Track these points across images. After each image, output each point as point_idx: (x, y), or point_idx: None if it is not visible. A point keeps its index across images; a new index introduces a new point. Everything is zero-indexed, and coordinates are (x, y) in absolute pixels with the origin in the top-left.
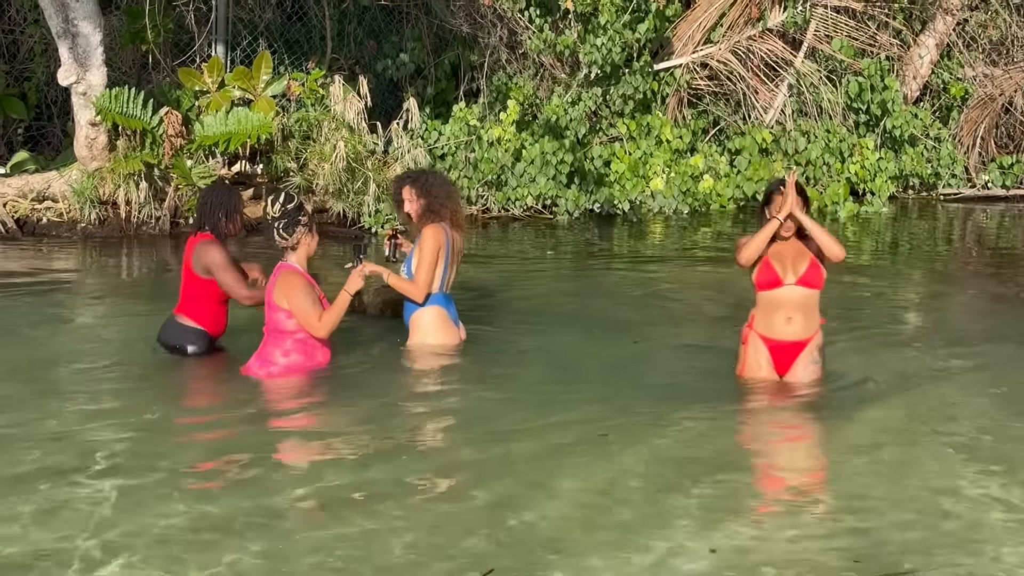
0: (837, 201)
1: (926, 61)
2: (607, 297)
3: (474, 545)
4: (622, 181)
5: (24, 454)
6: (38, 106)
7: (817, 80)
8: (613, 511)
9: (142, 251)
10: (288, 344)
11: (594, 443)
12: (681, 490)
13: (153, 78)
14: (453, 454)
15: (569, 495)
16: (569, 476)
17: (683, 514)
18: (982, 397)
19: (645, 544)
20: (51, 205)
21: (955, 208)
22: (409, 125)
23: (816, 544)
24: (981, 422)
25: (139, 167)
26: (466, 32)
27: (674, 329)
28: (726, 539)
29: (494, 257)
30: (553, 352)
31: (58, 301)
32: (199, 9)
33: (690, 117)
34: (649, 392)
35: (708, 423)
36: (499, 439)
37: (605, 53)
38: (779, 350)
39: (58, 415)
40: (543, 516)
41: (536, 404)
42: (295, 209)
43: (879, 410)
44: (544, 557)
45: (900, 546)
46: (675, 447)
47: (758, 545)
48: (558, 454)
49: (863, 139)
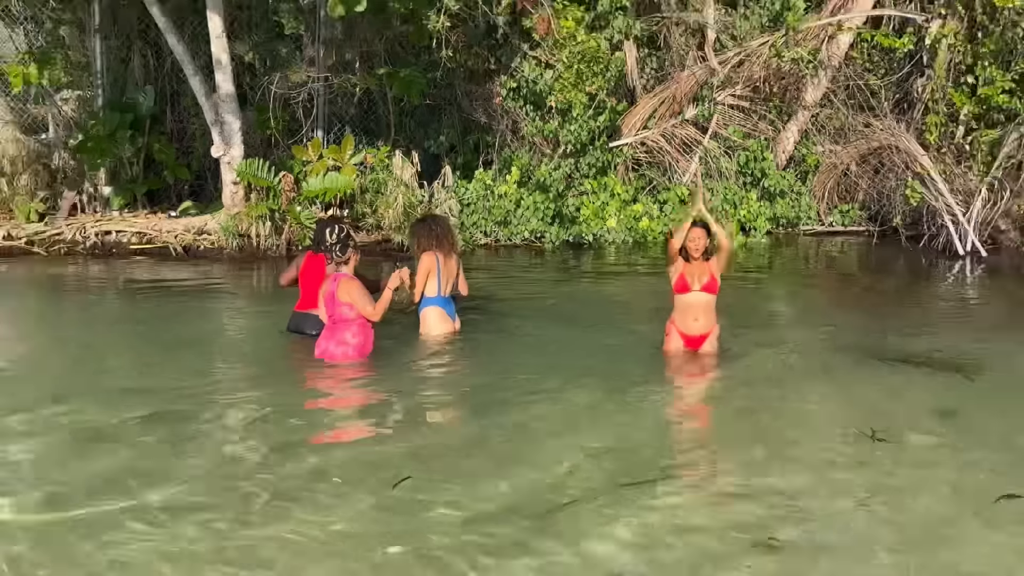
0: (732, 234)
1: (791, 141)
2: (575, 299)
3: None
4: (588, 221)
5: (193, 400)
6: (198, 171)
7: (718, 153)
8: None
9: (266, 268)
10: (354, 329)
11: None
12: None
13: (274, 152)
14: (445, 395)
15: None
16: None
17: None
18: (817, 360)
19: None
20: (207, 237)
21: (809, 239)
22: (445, 184)
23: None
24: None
25: (265, 211)
26: (483, 121)
27: (620, 320)
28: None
29: (500, 271)
30: (532, 336)
31: (211, 299)
32: (305, 106)
33: (633, 178)
34: (598, 362)
35: (642, 384)
36: (478, 394)
37: (576, 136)
38: (689, 340)
39: (212, 374)
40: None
41: (502, 371)
42: (346, 236)
43: (749, 379)
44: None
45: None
46: (600, 398)
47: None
48: (525, 405)
49: (749, 193)
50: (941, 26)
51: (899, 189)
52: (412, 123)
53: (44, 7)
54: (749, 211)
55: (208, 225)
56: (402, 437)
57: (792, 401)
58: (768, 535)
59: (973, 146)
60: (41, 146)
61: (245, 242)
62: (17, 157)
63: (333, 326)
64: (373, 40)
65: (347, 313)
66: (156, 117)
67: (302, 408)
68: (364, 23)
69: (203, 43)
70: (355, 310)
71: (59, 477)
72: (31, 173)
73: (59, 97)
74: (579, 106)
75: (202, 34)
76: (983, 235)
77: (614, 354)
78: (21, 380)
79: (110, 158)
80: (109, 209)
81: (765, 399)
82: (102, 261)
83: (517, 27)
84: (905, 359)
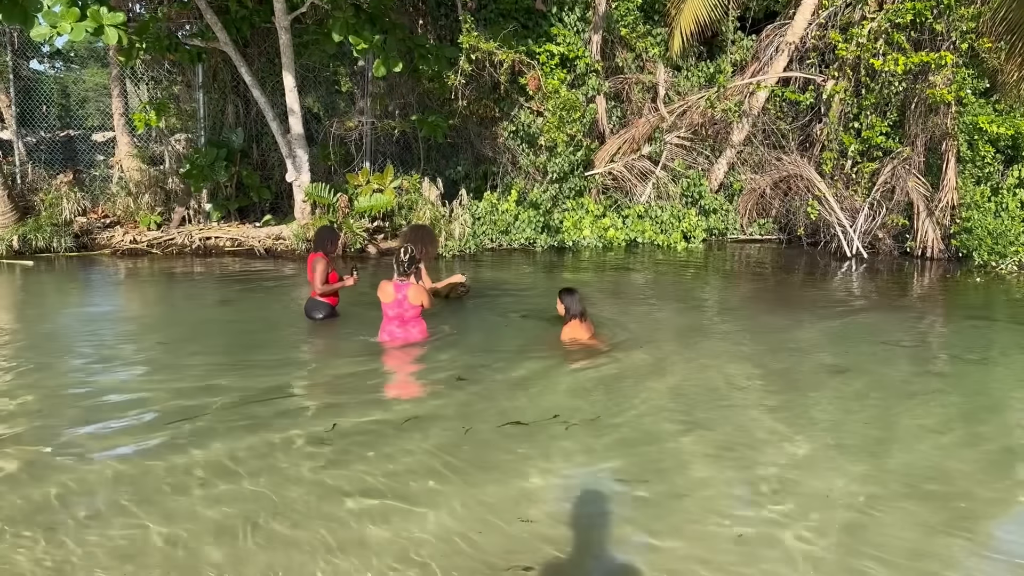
0: (677, 241)
1: (721, 171)
2: (555, 292)
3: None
4: (568, 231)
5: (260, 368)
6: (276, 192)
7: (667, 180)
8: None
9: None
10: (417, 322)
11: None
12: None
13: (333, 178)
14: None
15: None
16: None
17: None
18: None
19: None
20: (283, 241)
21: (735, 246)
22: (462, 203)
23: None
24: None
25: (326, 223)
26: (490, 155)
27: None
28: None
29: (499, 269)
30: (520, 320)
31: (284, 289)
32: (356, 144)
33: (603, 199)
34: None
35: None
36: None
37: (560, 167)
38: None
39: (280, 346)
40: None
41: (476, 347)
42: (412, 258)
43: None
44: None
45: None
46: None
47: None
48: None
49: (689, 210)
50: (834, 85)
51: (802, 207)
52: (437, 156)
53: (161, 69)
54: (690, 223)
55: (284, 232)
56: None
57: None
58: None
59: (858, 175)
60: (159, 174)
61: (312, 246)
62: (141, 182)
63: (404, 323)
64: (407, 94)
65: (413, 312)
66: (245, 152)
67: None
68: (400, 81)
69: (280, 96)
70: (417, 308)
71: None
72: (151, 193)
73: (173, 138)
74: (562, 144)
75: (279, 89)
76: (865, 242)
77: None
78: (153, 334)
79: (210, 182)
80: (209, 220)
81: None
82: (203, 259)
83: (515, 84)
84: (798, 322)
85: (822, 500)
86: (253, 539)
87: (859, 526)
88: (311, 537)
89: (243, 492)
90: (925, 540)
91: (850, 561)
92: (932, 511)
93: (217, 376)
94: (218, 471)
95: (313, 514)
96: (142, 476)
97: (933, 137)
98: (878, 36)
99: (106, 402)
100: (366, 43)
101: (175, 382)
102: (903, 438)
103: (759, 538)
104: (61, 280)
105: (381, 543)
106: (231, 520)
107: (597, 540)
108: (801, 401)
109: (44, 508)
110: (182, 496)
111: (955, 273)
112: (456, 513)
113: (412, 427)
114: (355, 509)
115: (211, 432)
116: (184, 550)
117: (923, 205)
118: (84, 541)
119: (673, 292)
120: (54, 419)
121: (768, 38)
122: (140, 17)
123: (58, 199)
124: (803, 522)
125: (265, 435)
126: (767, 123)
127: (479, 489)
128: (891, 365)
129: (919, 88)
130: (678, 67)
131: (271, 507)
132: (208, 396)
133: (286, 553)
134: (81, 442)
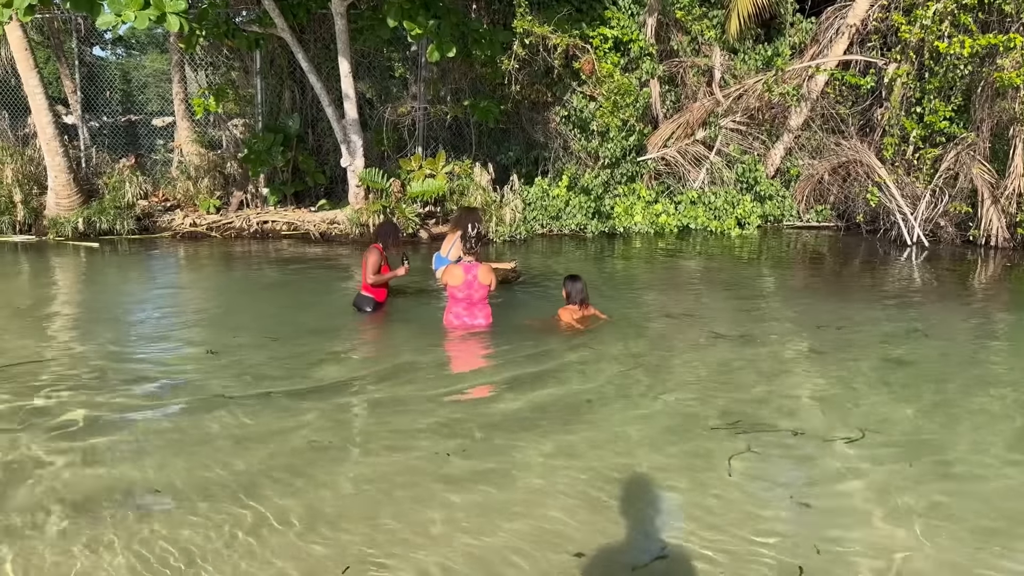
0: (731, 228)
1: (778, 156)
2: (607, 275)
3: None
4: (619, 217)
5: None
6: (331, 177)
7: (721, 166)
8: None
9: None
10: (484, 306)
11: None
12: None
13: (386, 163)
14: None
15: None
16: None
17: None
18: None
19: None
20: (337, 226)
21: (792, 232)
22: (513, 188)
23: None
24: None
25: (379, 207)
26: (542, 140)
27: (637, 290)
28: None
29: (549, 256)
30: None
31: (338, 272)
32: (409, 129)
33: (655, 184)
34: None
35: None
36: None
37: (612, 152)
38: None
39: (327, 329)
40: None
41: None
42: (479, 235)
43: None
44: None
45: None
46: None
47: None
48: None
49: (744, 196)
50: (897, 68)
51: (862, 194)
52: (489, 141)
53: (219, 55)
54: (744, 210)
55: (338, 217)
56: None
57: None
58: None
59: (920, 161)
60: (217, 158)
61: (365, 230)
62: (200, 166)
63: (471, 305)
64: (460, 79)
65: (483, 292)
66: (301, 137)
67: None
68: (453, 67)
69: (335, 81)
70: (486, 289)
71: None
72: (210, 178)
73: (231, 123)
74: (614, 129)
75: (334, 75)
76: (926, 230)
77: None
78: (218, 316)
79: (267, 167)
80: (266, 204)
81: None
82: (260, 242)
83: (568, 69)
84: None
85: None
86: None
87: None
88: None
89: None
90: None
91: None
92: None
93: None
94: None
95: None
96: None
97: (1000, 122)
98: (943, 18)
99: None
100: (420, 28)
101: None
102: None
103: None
104: (125, 262)
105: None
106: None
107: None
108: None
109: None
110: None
111: (1021, 263)
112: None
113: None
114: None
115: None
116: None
117: (988, 192)
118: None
119: (729, 279)
120: (119, 385)
121: (828, 20)
122: (200, 4)
123: (121, 183)
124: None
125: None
126: (826, 107)
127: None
128: (953, 360)
129: (986, 72)
130: (735, 50)
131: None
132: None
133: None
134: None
